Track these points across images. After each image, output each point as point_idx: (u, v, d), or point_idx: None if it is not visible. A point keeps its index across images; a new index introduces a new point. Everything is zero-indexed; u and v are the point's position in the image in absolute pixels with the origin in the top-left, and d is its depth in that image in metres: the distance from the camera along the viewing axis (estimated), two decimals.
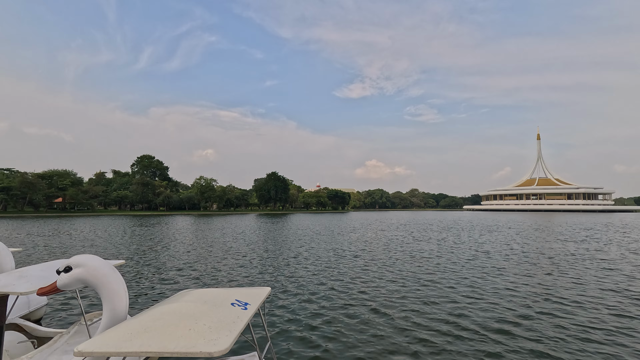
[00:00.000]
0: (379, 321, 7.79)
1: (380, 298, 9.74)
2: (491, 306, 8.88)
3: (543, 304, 9.06)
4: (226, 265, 15.16)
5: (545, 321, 7.70)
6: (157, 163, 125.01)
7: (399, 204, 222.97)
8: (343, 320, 7.89)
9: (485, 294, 10.15)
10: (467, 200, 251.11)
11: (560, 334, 6.92)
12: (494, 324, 7.51)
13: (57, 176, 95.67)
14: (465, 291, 10.44)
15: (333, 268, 14.36)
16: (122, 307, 3.51)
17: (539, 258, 16.79)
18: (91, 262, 3.46)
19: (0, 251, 5.50)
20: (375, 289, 10.82)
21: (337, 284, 11.43)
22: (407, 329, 7.30)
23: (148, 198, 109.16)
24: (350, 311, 8.54)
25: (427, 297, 9.77)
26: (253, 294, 3.62)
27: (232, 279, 12.31)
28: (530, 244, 22.75)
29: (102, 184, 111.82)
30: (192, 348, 2.15)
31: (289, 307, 8.88)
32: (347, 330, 7.25)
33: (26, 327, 5.76)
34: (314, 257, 17.46)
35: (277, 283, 11.65)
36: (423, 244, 22.94)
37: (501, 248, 20.78)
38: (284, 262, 15.94)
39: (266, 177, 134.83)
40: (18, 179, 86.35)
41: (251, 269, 14.20)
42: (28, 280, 3.97)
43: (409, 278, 12.35)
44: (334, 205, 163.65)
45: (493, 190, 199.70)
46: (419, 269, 14.12)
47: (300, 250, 20.22)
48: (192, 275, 13.05)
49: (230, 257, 17.50)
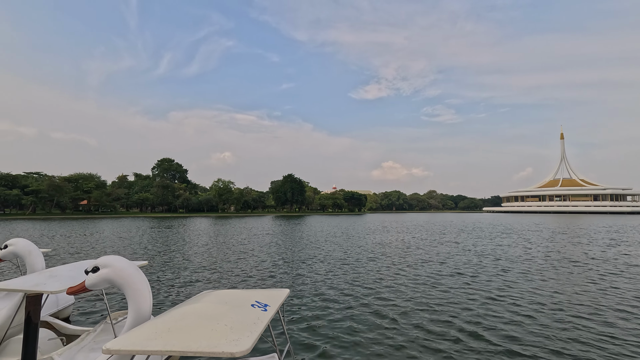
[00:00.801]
0: (398, 326, 7.72)
1: (400, 302, 9.64)
2: (515, 319, 8.64)
3: (574, 313, 8.76)
4: (244, 266, 15.34)
5: (582, 335, 7.44)
6: (176, 166, 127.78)
7: (416, 205, 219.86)
8: (362, 323, 7.86)
9: (509, 302, 9.89)
10: (486, 202, 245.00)
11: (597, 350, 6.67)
12: (519, 337, 7.31)
13: (82, 179, 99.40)
14: (487, 299, 10.20)
15: (351, 271, 14.31)
16: (146, 306, 3.61)
17: (570, 263, 16.24)
18: (117, 263, 3.58)
19: (31, 252, 5.77)
20: (395, 292, 10.73)
21: (355, 287, 11.39)
22: (426, 337, 7.20)
23: (168, 200, 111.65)
24: (368, 314, 8.49)
25: (448, 304, 9.60)
26: (272, 296, 3.66)
27: (251, 281, 12.45)
28: (558, 248, 22.02)
29: (124, 187, 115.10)
30: (214, 348, 2.20)
31: (308, 309, 8.90)
32: (365, 334, 7.21)
33: (55, 324, 5.99)
34: (331, 259, 17.45)
35: (295, 285, 11.70)
36: (442, 247, 22.57)
37: (527, 251, 20.20)
38: (301, 264, 16.00)
39: (282, 179, 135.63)
40: (46, 183, 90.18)
41: (269, 271, 14.32)
42: (58, 279, 4.14)
43: (428, 283, 12.18)
44: (350, 207, 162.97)
45: (514, 192, 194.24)
46: (438, 273, 13.90)
47: (317, 252, 20.24)
48: (211, 276, 13.27)
49: (248, 258, 17.70)
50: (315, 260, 17.14)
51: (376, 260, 17.06)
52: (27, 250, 5.68)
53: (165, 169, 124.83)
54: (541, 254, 19.06)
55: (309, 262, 16.57)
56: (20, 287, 3.72)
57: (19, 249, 5.63)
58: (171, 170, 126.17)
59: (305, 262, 16.37)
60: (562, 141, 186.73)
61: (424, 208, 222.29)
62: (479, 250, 20.89)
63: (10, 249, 5.58)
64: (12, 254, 5.59)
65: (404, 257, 17.83)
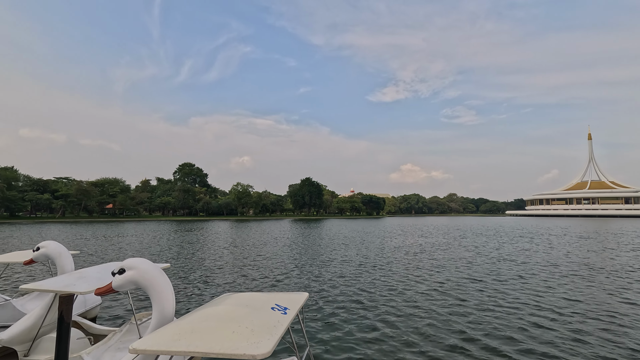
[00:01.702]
0: (418, 330, 7.60)
1: (420, 306, 9.50)
2: (533, 331, 8.34)
3: (596, 325, 8.38)
4: (263, 269, 15.48)
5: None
6: (197, 170, 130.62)
7: (436, 209, 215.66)
8: (381, 327, 7.78)
9: (534, 312, 9.57)
10: (509, 205, 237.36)
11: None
12: (535, 349, 7.06)
13: (108, 184, 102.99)
14: (511, 308, 9.90)
15: (370, 275, 14.20)
16: (169, 308, 3.71)
17: (599, 271, 15.57)
18: (142, 265, 3.70)
19: (62, 254, 6.03)
20: (415, 297, 10.58)
21: (374, 291, 11.30)
22: (447, 343, 7.05)
23: (189, 204, 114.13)
24: (388, 319, 8.40)
25: (468, 310, 9.38)
26: (292, 299, 3.69)
27: (270, 283, 12.56)
28: (586, 253, 21.14)
29: (147, 191, 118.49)
30: (235, 350, 2.24)
31: (327, 313, 8.90)
32: (385, 338, 7.14)
33: (83, 324, 6.22)
34: (349, 263, 17.37)
35: (314, 288, 11.72)
36: (464, 252, 22.07)
37: (552, 256, 19.49)
38: (320, 267, 16.01)
39: (300, 183, 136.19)
40: (75, 187, 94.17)
41: (288, 274, 14.39)
42: (87, 281, 4.31)
43: (449, 288, 11.94)
44: (369, 210, 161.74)
45: (539, 195, 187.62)
46: (458, 279, 13.61)
47: (336, 255, 20.20)
48: (231, 278, 13.47)
49: (267, 261, 17.86)
50: (333, 263, 17.11)
51: (396, 264, 16.86)
52: (57, 253, 5.94)
53: (186, 173, 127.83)
54: (568, 260, 18.34)
55: (328, 265, 16.55)
56: (52, 287, 3.89)
57: (50, 251, 5.89)
58: (192, 175, 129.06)
59: (323, 266, 16.36)
60: (590, 142, 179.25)
61: (444, 211, 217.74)
62: (502, 255, 20.31)
63: (42, 251, 5.85)
64: (44, 256, 5.86)
65: (424, 262, 17.54)
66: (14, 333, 5.06)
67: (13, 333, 5.05)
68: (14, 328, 5.11)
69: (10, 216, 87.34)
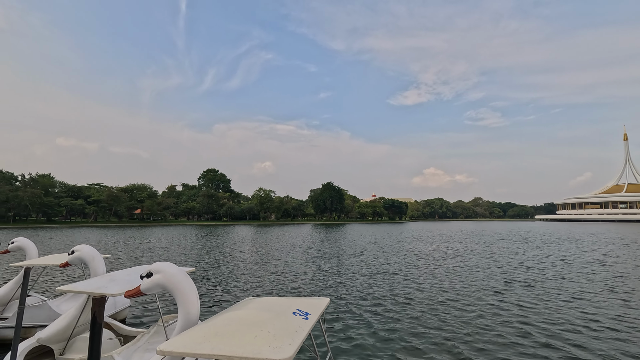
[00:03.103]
0: (441, 339, 7.41)
1: (443, 314, 9.27)
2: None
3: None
4: (285, 274, 15.57)
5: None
6: (220, 176, 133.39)
7: (460, 214, 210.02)
8: (403, 334, 7.65)
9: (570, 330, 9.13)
10: (539, 210, 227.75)
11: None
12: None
13: (136, 190, 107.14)
14: (531, 320, 9.50)
15: (392, 281, 14.00)
16: (194, 311, 3.81)
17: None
18: (168, 269, 3.82)
19: (94, 257, 6.31)
20: (437, 303, 10.33)
21: (396, 298, 11.13)
22: (471, 351, 6.83)
23: (213, 209, 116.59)
24: (409, 325, 8.25)
25: (496, 321, 9.06)
26: (313, 304, 3.69)
27: (291, 288, 12.61)
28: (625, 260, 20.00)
29: (173, 196, 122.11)
30: (258, 354, 2.27)
31: (348, 319, 8.83)
32: (407, 345, 7.01)
33: (114, 325, 6.47)
34: (371, 268, 17.19)
35: (336, 294, 11.67)
36: (492, 259, 21.38)
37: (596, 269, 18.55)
38: (341, 273, 15.93)
39: (321, 188, 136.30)
40: (106, 193, 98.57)
41: (309, 279, 14.41)
42: (117, 283, 4.48)
43: (476, 295, 11.58)
44: (391, 215, 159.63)
45: (571, 198, 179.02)
46: (484, 286, 13.19)
47: (357, 260, 20.05)
48: (253, 283, 13.63)
49: (288, 266, 17.95)
50: (355, 269, 16.98)
51: (419, 270, 16.54)
52: (90, 256, 6.22)
53: (210, 179, 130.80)
54: (607, 268, 17.40)
55: (349, 271, 16.44)
56: (85, 289, 4.08)
57: (84, 254, 6.18)
58: (215, 180, 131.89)
59: (345, 271, 16.27)
60: (626, 142, 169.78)
61: (469, 216, 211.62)
62: (538, 261, 19.52)
63: (76, 254, 6.14)
64: (78, 259, 6.15)
65: (449, 269, 17.11)
66: (51, 332, 5.32)
67: (50, 332, 5.32)
68: (51, 327, 5.38)
69: (47, 221, 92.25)
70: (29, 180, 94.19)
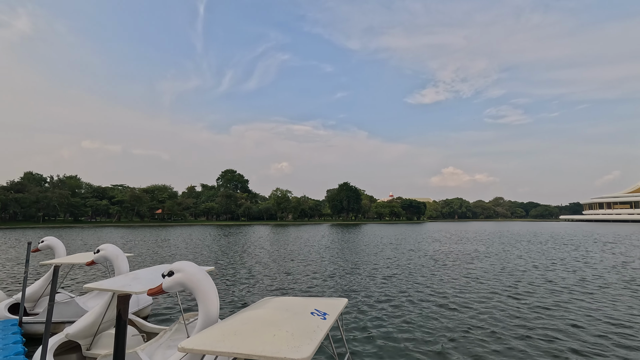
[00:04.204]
0: (460, 341, 7.26)
1: (460, 314, 9.08)
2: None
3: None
4: (302, 274, 15.63)
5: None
6: (238, 176, 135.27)
7: (481, 214, 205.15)
8: (421, 336, 7.54)
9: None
10: (564, 210, 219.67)
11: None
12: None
13: (157, 190, 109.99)
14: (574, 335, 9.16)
15: (410, 282, 13.82)
16: (214, 310, 3.87)
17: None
18: (189, 268, 3.90)
19: (118, 256, 6.53)
20: (456, 305, 10.13)
21: (415, 299, 10.99)
22: (489, 354, 6.66)
23: (231, 209, 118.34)
24: (428, 327, 8.12)
25: (516, 325, 8.80)
26: (331, 305, 3.68)
27: (309, 288, 12.64)
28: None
29: (192, 197, 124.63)
30: (276, 353, 2.28)
31: (366, 320, 8.78)
32: (425, 347, 6.91)
33: (137, 322, 6.65)
34: (389, 269, 17.04)
35: (353, 294, 11.61)
36: (514, 260, 20.81)
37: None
38: (359, 273, 15.85)
39: (338, 188, 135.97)
40: (129, 194, 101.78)
41: (326, 279, 14.41)
42: (140, 282, 4.61)
43: (494, 298, 11.30)
44: (409, 215, 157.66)
45: (598, 198, 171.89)
46: (507, 289, 12.84)
47: (375, 261, 19.92)
48: (271, 282, 13.74)
49: (306, 266, 18.01)
50: (372, 269, 16.86)
51: (437, 271, 16.27)
52: (115, 255, 6.44)
53: (228, 179, 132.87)
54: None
55: (367, 271, 16.34)
56: (111, 287, 4.21)
57: (109, 253, 6.40)
58: (234, 181, 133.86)
59: (362, 272, 16.18)
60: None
61: (490, 216, 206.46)
62: (566, 265, 18.88)
63: (101, 253, 6.37)
64: (103, 258, 6.38)
65: (466, 269, 16.76)
66: (79, 328, 5.52)
67: (78, 328, 5.53)
68: (79, 324, 5.58)
69: (74, 221, 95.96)
70: (57, 181, 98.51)
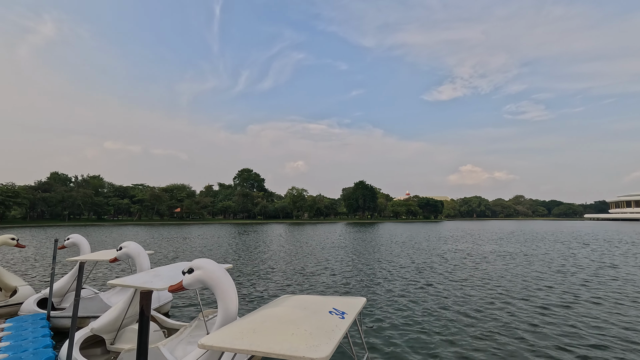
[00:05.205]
0: (479, 342, 7.09)
1: (480, 315, 8.86)
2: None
3: None
4: (319, 272, 15.62)
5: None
6: (254, 176, 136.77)
7: (500, 212, 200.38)
8: (440, 336, 7.40)
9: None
10: (588, 208, 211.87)
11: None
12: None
13: (176, 189, 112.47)
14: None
15: (429, 281, 13.60)
16: (233, 307, 3.90)
17: None
18: (208, 266, 3.94)
19: (140, 253, 6.68)
20: (477, 305, 9.90)
21: (433, 299, 10.80)
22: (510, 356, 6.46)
23: (248, 208, 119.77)
24: (448, 327, 7.96)
25: (550, 338, 8.53)
26: (350, 304, 3.65)
27: (326, 287, 12.61)
28: None
29: (210, 196, 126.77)
30: (295, 352, 2.27)
31: (384, 319, 8.68)
32: (444, 347, 6.78)
33: (158, 318, 6.80)
34: (407, 268, 16.83)
35: (371, 294, 11.51)
36: (540, 265, 20.21)
37: None
38: (376, 272, 15.73)
39: (354, 186, 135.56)
40: (149, 193, 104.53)
41: (344, 278, 14.34)
42: (161, 279, 4.70)
43: (515, 300, 10.99)
44: (426, 214, 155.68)
45: (625, 196, 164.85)
46: (530, 291, 12.47)
47: (392, 259, 19.72)
48: (288, 280, 13.80)
49: (322, 264, 18.00)
50: (390, 269, 16.69)
51: (456, 271, 15.96)
52: (136, 252, 6.60)
53: (245, 178, 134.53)
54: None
55: (385, 270, 16.19)
56: (133, 283, 4.31)
57: (131, 250, 6.56)
58: (250, 180, 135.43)
59: (380, 271, 16.04)
60: None
61: (510, 215, 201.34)
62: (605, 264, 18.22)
63: (124, 250, 6.53)
64: (126, 255, 6.54)
65: (485, 270, 16.38)
66: (103, 323, 5.69)
67: (102, 323, 5.69)
68: (103, 319, 5.75)
69: (97, 219, 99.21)
70: (82, 181, 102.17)
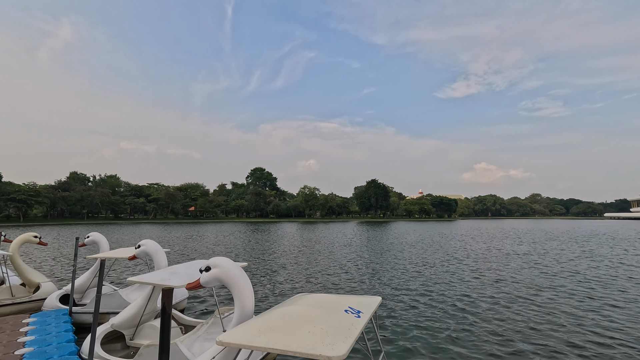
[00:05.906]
0: (494, 341, 6.96)
1: (497, 313, 8.70)
2: None
3: None
4: (333, 271, 15.63)
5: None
6: (267, 174, 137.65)
7: (516, 211, 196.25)
8: (456, 335, 7.30)
9: None
10: (608, 207, 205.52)
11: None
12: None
13: (190, 189, 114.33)
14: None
15: (445, 281, 13.44)
16: (249, 305, 3.94)
17: None
18: (225, 264, 3.99)
19: (157, 251, 6.80)
20: (494, 304, 9.73)
21: (450, 299, 10.66)
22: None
23: (260, 206, 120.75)
24: (465, 327, 7.84)
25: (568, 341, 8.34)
26: (365, 303, 3.64)
27: (341, 285, 12.61)
28: None
29: (223, 195, 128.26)
30: (312, 350, 2.27)
31: (400, 319, 8.62)
32: (459, 346, 6.69)
33: (175, 315, 6.91)
34: (422, 267, 16.69)
35: (387, 293, 11.45)
36: (551, 262, 19.76)
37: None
38: (391, 271, 15.63)
39: (366, 185, 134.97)
40: (163, 192, 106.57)
41: (358, 276, 14.32)
42: (179, 276, 4.77)
43: (529, 299, 10.76)
44: (439, 213, 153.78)
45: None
46: (547, 289, 12.21)
47: (407, 258, 19.58)
48: (303, 278, 13.85)
49: (336, 263, 18.00)
50: (405, 267, 16.57)
51: (475, 272, 15.73)
52: (154, 250, 6.72)
53: (257, 177, 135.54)
54: None
55: (399, 269, 16.07)
56: (152, 280, 4.40)
57: (149, 248, 6.69)
58: (262, 179, 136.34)
59: (395, 270, 15.93)
60: None
61: (526, 214, 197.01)
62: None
63: (142, 248, 6.67)
64: (144, 253, 6.67)
65: (504, 270, 16.09)
66: (123, 319, 5.82)
67: (122, 319, 5.82)
68: (122, 315, 5.88)
69: (114, 217, 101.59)
70: (99, 180, 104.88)
